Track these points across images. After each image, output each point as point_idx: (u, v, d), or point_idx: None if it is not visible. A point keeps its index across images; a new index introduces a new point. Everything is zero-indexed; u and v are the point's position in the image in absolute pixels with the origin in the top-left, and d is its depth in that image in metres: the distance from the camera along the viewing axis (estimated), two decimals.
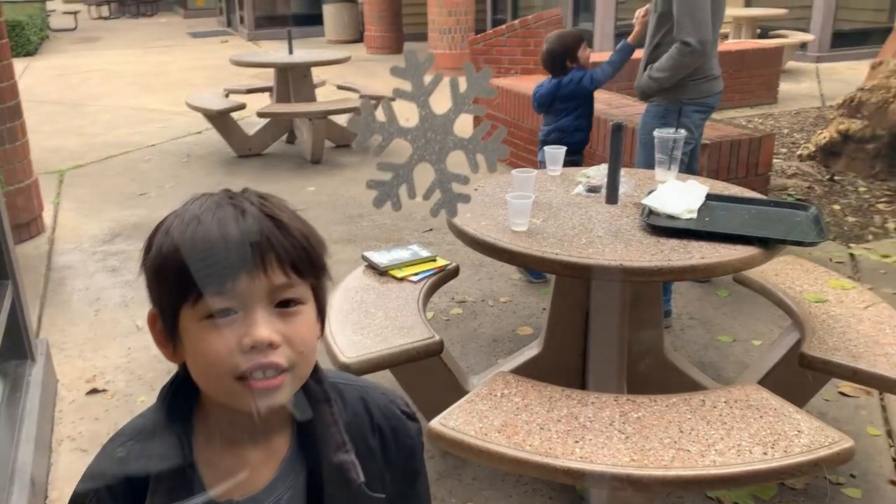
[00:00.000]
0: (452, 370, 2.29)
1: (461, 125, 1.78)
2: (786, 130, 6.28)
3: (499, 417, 1.72)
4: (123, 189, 5.11)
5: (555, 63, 3.38)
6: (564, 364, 2.35)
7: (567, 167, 2.59)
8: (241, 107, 5.64)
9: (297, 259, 0.77)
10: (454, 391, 2.20)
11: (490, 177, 2.28)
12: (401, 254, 2.59)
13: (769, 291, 2.43)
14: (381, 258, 2.55)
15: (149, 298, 0.80)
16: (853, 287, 2.46)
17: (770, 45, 7.61)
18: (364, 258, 2.60)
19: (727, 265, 1.82)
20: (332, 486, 0.84)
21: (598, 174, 2.31)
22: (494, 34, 5.85)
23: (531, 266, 1.98)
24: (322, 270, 0.82)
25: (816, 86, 8.27)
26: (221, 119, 5.70)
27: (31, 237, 4.20)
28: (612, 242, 1.89)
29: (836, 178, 4.98)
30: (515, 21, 5.82)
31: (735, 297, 3.36)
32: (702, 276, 1.92)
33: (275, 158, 5.85)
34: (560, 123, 3.41)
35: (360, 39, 11.98)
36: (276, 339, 0.75)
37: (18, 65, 6.12)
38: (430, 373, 2.21)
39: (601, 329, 2.17)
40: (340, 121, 5.96)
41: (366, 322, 2.18)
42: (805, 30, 9.48)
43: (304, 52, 6.28)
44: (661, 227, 1.95)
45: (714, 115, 3.49)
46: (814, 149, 5.25)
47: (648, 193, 2.12)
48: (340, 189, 5.02)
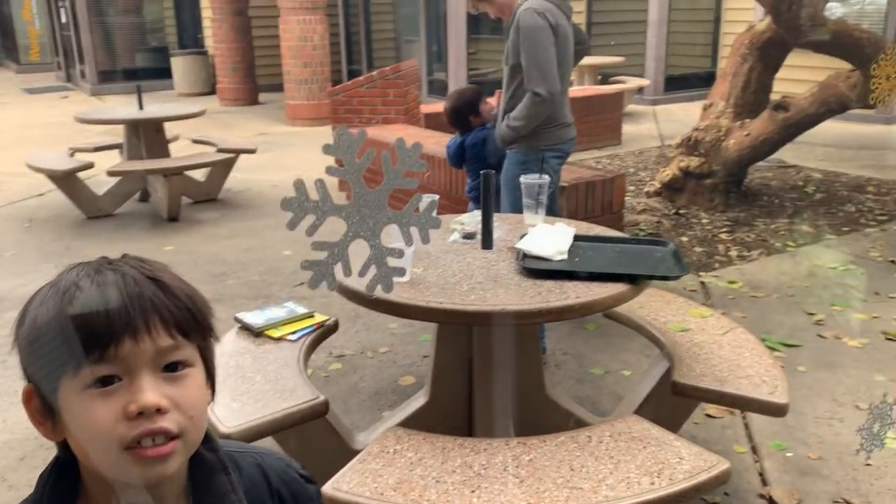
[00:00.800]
0: (339, 430, 2.23)
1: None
2: (632, 169, 6.70)
3: (393, 475, 1.68)
4: None
5: (458, 119, 3.49)
6: (452, 412, 2.34)
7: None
8: (89, 166, 5.33)
9: (183, 320, 0.76)
10: (342, 452, 2.14)
11: None
12: (276, 312, 2.51)
13: (636, 324, 2.55)
14: (256, 318, 2.46)
15: (23, 375, 0.77)
16: (711, 314, 2.63)
17: (611, 91, 8.15)
18: (237, 319, 2.50)
19: (602, 303, 1.89)
20: None
21: (472, 221, 2.35)
22: (354, 85, 5.90)
23: (415, 318, 1.97)
24: (208, 331, 0.80)
25: (655, 126, 8.93)
26: (68, 180, 5.35)
27: None
28: (493, 287, 1.92)
29: (682, 212, 5.36)
30: (374, 72, 5.90)
31: (602, 331, 3.50)
32: (579, 315, 1.98)
33: (128, 218, 5.55)
34: (478, 182, 3.48)
35: (213, 91, 11.71)
36: (165, 404, 0.72)
37: None
38: (317, 435, 2.14)
39: (486, 374, 2.19)
40: (197, 175, 5.77)
41: (244, 388, 2.08)
42: (641, 75, 10.25)
43: (156, 107, 6.05)
44: (537, 270, 2.00)
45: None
46: (659, 185, 5.64)
47: (521, 237, 2.18)
48: (201, 247, 4.82)
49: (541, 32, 2.99)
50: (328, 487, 1.63)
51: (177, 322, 0.75)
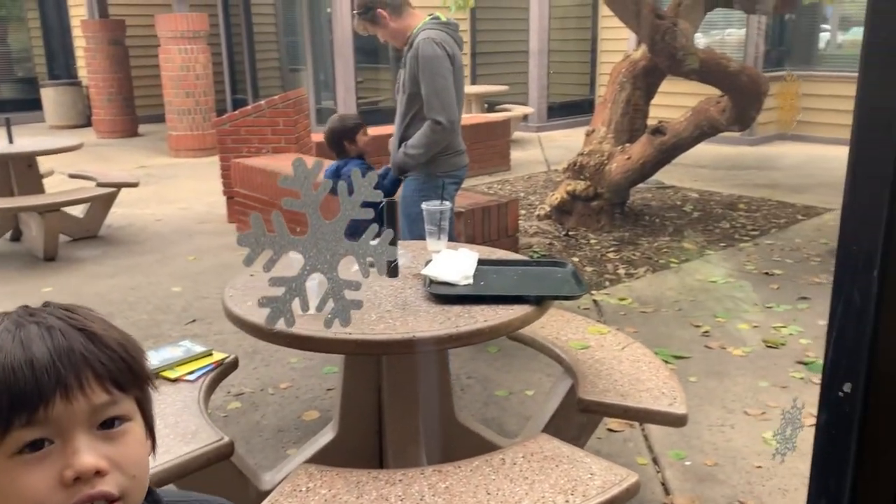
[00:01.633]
0: (245, 472, 2.14)
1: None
2: (522, 194, 6.88)
3: None
4: None
5: (333, 142, 3.49)
6: (362, 444, 2.30)
7: None
8: None
9: (118, 372, 0.70)
10: (251, 494, 2.05)
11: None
12: (172, 352, 2.40)
13: (540, 344, 2.60)
14: (151, 359, 2.33)
15: None
16: (608, 331, 2.72)
17: (499, 119, 8.37)
18: None
19: (509, 324, 1.92)
20: None
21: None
22: (241, 114, 5.78)
23: (323, 350, 1.92)
24: (146, 381, 0.74)
25: (541, 152, 9.22)
26: None
27: None
28: (402, 315, 1.91)
29: (571, 234, 5.54)
30: (262, 102, 5.80)
31: (504, 353, 3.55)
32: (488, 338, 2.00)
33: None
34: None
35: (88, 123, 11.15)
36: (104, 466, 0.67)
37: None
38: (223, 478, 2.04)
39: (397, 403, 2.16)
40: (76, 212, 5.46)
41: None
42: (525, 103, 10.59)
43: (27, 141, 5.70)
44: (444, 296, 2.01)
45: None
46: (549, 209, 5.81)
47: (426, 264, 2.18)
48: (84, 286, 4.55)
49: (440, 62, 3.04)
50: None
51: (111, 375, 0.69)
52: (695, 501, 2.45)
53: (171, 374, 2.28)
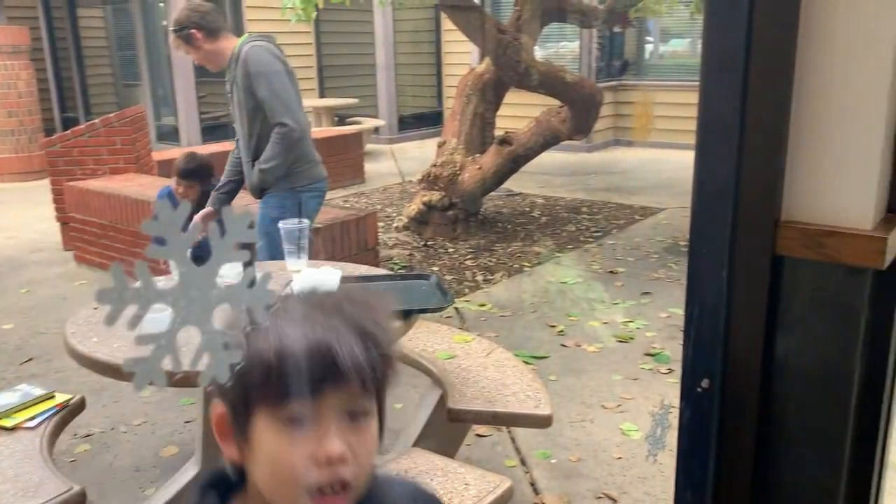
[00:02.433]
0: None
1: None
2: (379, 206, 6.88)
3: None
4: None
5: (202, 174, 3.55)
6: None
7: None
8: None
9: (376, 373, 0.77)
10: None
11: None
12: (7, 398, 2.18)
13: (408, 357, 2.60)
14: None
15: (219, 395, 0.78)
16: (472, 339, 2.77)
17: (350, 131, 8.33)
18: None
19: None
20: None
21: (231, 273, 2.25)
22: (73, 134, 5.39)
23: (181, 384, 1.82)
24: (389, 383, 0.81)
25: (394, 164, 9.27)
26: None
27: None
28: None
29: (429, 244, 5.61)
30: (96, 120, 5.44)
31: None
32: None
33: None
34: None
35: None
36: (347, 455, 0.74)
37: None
38: None
39: None
40: None
41: None
42: (375, 116, 10.61)
43: None
44: None
45: None
46: (406, 220, 5.85)
47: (287, 285, 2.13)
48: None
49: (273, 65, 2.99)
50: None
51: (372, 375, 0.76)
52: (563, 498, 2.54)
53: (8, 423, 2.08)
